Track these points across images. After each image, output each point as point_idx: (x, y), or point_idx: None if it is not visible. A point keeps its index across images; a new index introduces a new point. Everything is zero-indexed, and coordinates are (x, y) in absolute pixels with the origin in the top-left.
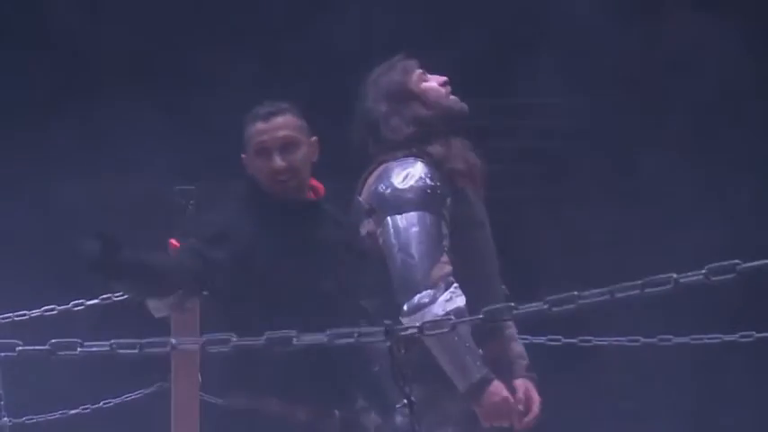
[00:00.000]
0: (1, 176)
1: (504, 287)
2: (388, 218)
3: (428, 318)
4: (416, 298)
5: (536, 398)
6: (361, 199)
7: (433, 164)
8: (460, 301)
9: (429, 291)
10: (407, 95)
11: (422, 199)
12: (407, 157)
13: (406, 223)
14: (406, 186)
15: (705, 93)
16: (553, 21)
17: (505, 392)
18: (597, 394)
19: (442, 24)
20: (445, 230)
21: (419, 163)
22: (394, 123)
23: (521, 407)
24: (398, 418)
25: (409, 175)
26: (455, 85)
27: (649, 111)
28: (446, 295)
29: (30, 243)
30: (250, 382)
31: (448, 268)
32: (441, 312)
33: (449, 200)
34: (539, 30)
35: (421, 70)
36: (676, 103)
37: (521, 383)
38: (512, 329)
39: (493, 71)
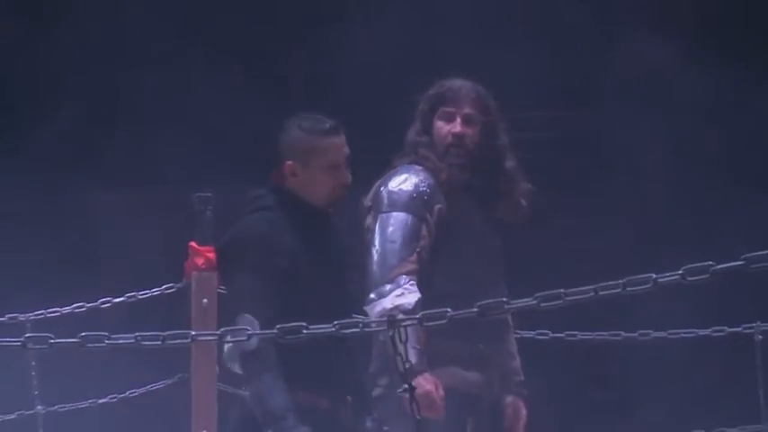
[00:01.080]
0: (37, 185)
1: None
2: (378, 215)
3: (377, 309)
4: (374, 292)
5: (523, 415)
6: (364, 199)
7: (433, 173)
8: (412, 297)
9: (386, 285)
10: (426, 119)
11: (406, 202)
12: (413, 163)
13: (387, 222)
14: (396, 189)
15: (690, 100)
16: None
17: (430, 386)
18: (581, 386)
19: (442, 40)
20: (425, 233)
21: (420, 170)
22: (410, 131)
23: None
24: (369, 424)
25: (405, 179)
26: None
27: (637, 120)
28: (398, 291)
29: (63, 245)
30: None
31: (411, 267)
32: (389, 306)
33: (439, 207)
34: (526, 41)
35: (457, 109)
36: (662, 111)
37: (510, 401)
38: (513, 348)
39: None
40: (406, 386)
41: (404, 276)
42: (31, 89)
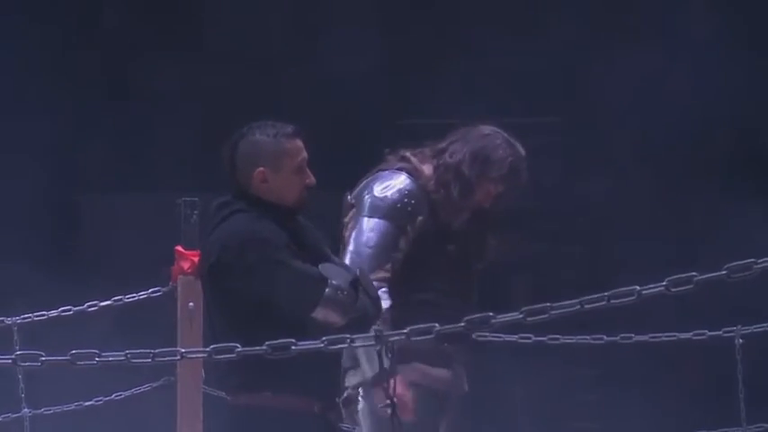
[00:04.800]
0: (29, 187)
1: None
2: (359, 218)
3: None
4: None
5: None
6: (349, 196)
7: (421, 185)
8: (383, 305)
9: None
10: (481, 170)
11: (389, 211)
12: (400, 170)
13: (368, 227)
14: (382, 196)
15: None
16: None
17: (401, 389)
18: (564, 388)
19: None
20: (402, 245)
21: (406, 178)
22: (453, 147)
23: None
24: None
25: (389, 186)
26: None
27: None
28: None
29: (50, 249)
30: (273, 381)
31: (383, 275)
32: None
33: (421, 218)
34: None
35: (500, 176)
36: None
37: None
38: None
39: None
40: (388, 402)
41: (375, 283)
42: (19, 95)
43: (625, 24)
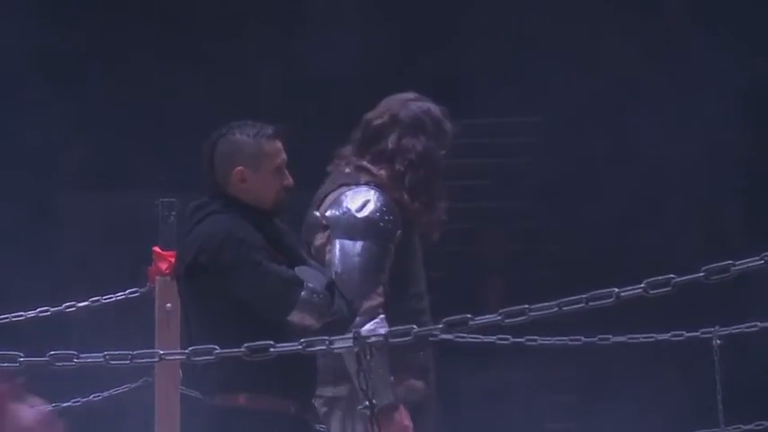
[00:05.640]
0: (7, 185)
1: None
2: (338, 240)
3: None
4: None
5: None
6: (318, 214)
7: (390, 196)
8: (382, 331)
9: (357, 319)
10: (442, 144)
11: (372, 231)
12: (366, 184)
13: (352, 251)
14: (361, 216)
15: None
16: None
17: (407, 421)
18: (541, 389)
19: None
20: (388, 265)
21: (376, 193)
22: (405, 142)
23: None
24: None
25: (367, 203)
26: None
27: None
28: (370, 325)
29: (27, 248)
30: (250, 382)
31: (378, 300)
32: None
33: (399, 232)
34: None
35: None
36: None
37: None
38: None
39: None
40: (367, 404)
41: (372, 311)
42: None
43: (607, 23)
